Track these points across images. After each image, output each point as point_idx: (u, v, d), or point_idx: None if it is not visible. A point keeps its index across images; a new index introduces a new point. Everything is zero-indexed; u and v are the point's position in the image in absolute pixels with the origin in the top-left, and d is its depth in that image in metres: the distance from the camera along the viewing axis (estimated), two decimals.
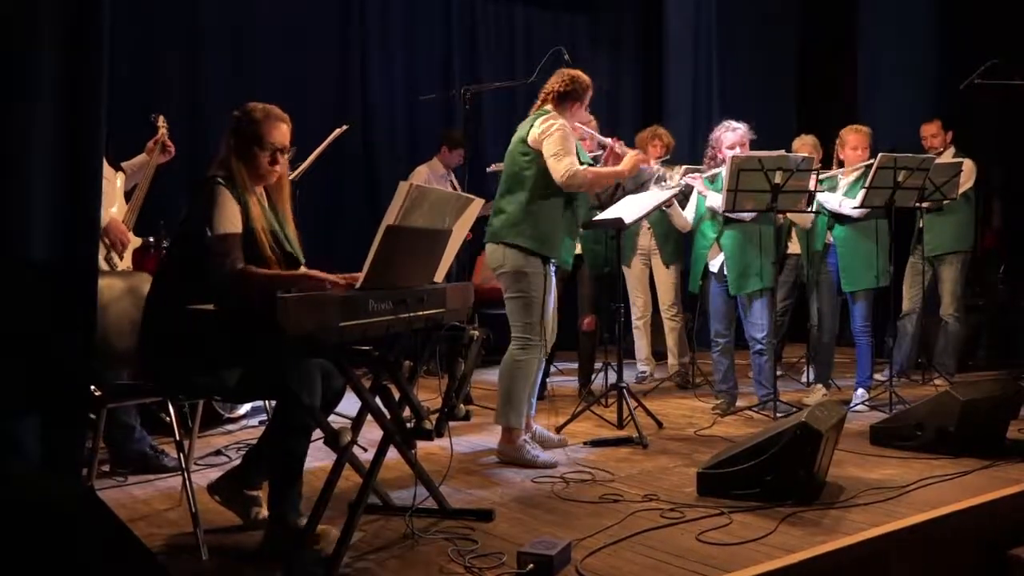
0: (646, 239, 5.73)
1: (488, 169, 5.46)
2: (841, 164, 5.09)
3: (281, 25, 6.34)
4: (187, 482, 2.71)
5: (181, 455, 2.72)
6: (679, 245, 5.65)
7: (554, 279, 3.85)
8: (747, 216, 4.52)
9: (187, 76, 5.96)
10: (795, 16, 8.08)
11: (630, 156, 3.95)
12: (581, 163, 3.76)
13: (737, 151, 4.51)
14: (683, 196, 5.07)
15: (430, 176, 6.29)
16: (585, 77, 3.91)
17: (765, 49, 7.87)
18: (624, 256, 5.73)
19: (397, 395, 2.76)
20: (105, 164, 3.72)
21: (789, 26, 8.06)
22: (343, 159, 6.24)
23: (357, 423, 2.90)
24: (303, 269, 2.81)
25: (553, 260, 3.80)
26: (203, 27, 6.05)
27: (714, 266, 4.70)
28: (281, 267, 2.73)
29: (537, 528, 2.86)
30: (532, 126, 3.78)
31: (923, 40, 7.08)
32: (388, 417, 2.65)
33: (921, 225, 5.49)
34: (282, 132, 2.83)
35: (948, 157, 5.43)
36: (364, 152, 6.77)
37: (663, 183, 4.74)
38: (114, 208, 3.80)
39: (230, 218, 2.63)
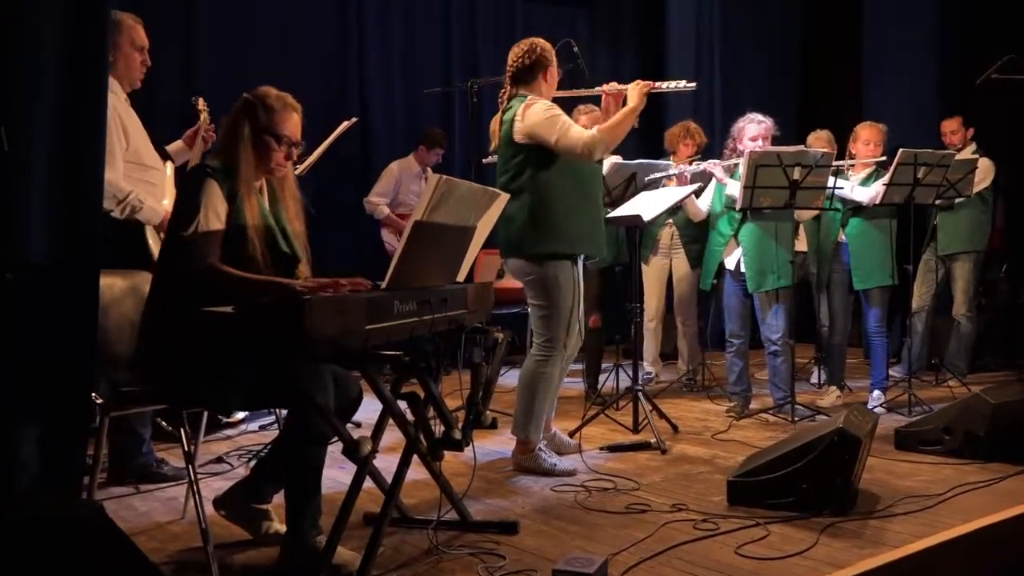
0: (667, 237, 5.48)
1: (484, 160, 5.28)
2: (852, 159, 4.98)
3: (281, 23, 6.19)
4: (196, 495, 2.53)
5: (190, 467, 2.54)
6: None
7: (582, 277, 3.63)
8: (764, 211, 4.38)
9: (184, 73, 5.80)
10: (798, 14, 7.99)
11: (633, 88, 3.55)
12: None
13: (760, 144, 4.39)
14: (699, 189, 4.93)
15: (400, 173, 6.22)
16: (540, 41, 3.60)
17: (767, 47, 7.77)
18: (642, 253, 5.54)
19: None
20: (155, 155, 3.54)
21: (792, 24, 7.97)
22: (341, 156, 6.07)
23: (377, 432, 2.75)
24: (302, 272, 2.65)
25: (584, 257, 3.61)
26: (199, 22, 5.89)
27: (730, 263, 4.57)
28: (270, 267, 2.53)
29: (566, 541, 2.72)
30: (515, 120, 3.47)
31: (926, 39, 6.99)
32: (413, 426, 2.50)
33: (935, 223, 5.41)
34: (296, 123, 2.66)
35: (967, 155, 5.35)
36: (361, 150, 6.61)
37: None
38: (166, 200, 3.58)
39: (215, 214, 2.46)
